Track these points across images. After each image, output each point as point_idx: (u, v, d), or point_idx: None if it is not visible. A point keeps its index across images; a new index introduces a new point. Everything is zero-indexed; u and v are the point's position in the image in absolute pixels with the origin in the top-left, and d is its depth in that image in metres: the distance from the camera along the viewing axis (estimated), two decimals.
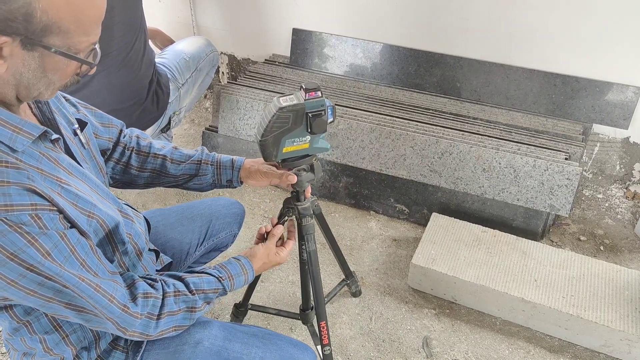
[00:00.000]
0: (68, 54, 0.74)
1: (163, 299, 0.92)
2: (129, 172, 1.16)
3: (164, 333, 0.94)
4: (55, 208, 0.76)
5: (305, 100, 1.03)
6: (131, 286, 0.89)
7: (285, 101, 1.03)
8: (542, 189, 1.82)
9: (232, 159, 1.20)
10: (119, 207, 0.95)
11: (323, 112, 1.05)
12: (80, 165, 0.90)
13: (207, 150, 1.23)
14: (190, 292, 0.96)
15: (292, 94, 1.05)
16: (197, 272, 1.01)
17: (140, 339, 0.94)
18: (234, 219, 1.41)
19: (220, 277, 1.02)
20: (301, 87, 1.04)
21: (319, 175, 1.17)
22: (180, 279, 0.98)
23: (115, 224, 0.88)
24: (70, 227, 0.79)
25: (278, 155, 1.08)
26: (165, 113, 1.87)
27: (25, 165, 0.75)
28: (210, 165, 1.19)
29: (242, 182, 1.21)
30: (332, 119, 1.08)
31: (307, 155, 1.13)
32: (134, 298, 0.88)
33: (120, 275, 0.89)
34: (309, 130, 1.06)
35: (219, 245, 1.41)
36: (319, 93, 1.04)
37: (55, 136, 0.83)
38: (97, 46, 0.79)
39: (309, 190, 1.24)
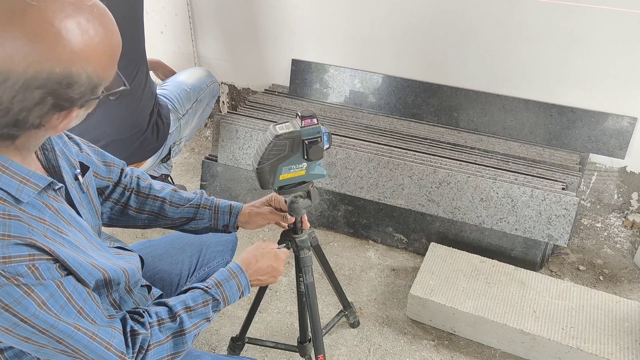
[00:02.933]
0: (108, 93, 0.79)
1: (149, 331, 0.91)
2: (126, 213, 1.17)
3: None
4: (52, 257, 0.76)
5: (301, 127, 1.04)
6: (124, 326, 0.88)
7: (281, 129, 1.04)
8: (540, 219, 1.82)
9: (231, 204, 1.21)
10: (111, 256, 0.94)
11: (319, 139, 1.06)
12: (78, 212, 0.91)
13: (207, 191, 1.24)
14: (172, 316, 0.94)
15: (287, 122, 1.06)
16: (184, 291, 1.01)
17: None
18: (226, 246, 1.40)
19: (207, 287, 1.00)
20: (297, 114, 1.06)
21: (315, 201, 1.18)
22: (163, 304, 0.96)
23: (114, 271, 0.88)
24: (67, 275, 0.79)
25: (275, 183, 1.09)
26: (166, 143, 1.89)
27: (27, 217, 0.75)
28: (208, 209, 1.19)
29: (237, 228, 1.22)
30: (328, 146, 1.09)
31: (304, 182, 1.13)
32: (127, 342, 0.87)
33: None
34: (306, 157, 1.07)
35: (210, 275, 1.40)
36: (314, 120, 1.06)
37: (59, 186, 0.84)
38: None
39: (306, 222, 1.25)
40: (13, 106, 0.68)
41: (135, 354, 0.88)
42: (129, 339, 0.87)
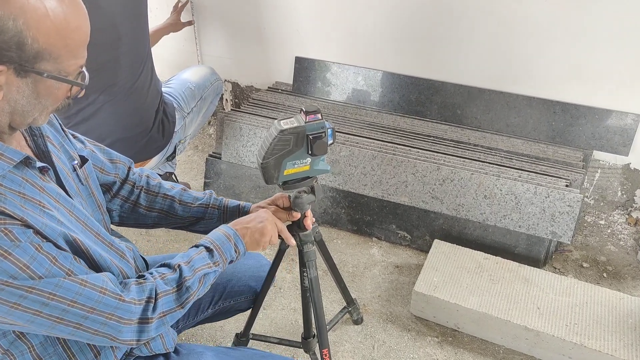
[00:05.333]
0: (60, 77, 0.78)
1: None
2: (137, 211, 1.17)
3: (165, 314, 0.93)
4: (24, 224, 0.75)
5: (305, 122, 1.05)
6: (122, 283, 0.90)
7: (286, 124, 1.05)
8: (544, 216, 1.82)
9: (239, 204, 1.21)
10: (109, 242, 0.94)
11: (323, 134, 1.07)
12: (72, 199, 0.91)
13: (213, 189, 1.24)
14: (172, 269, 0.96)
15: (292, 117, 1.07)
16: None
17: (142, 329, 0.90)
18: (259, 283, 1.36)
19: (196, 244, 1.03)
20: (301, 109, 1.06)
21: (319, 196, 1.18)
22: (162, 265, 0.99)
23: (98, 255, 0.88)
24: (47, 241, 0.78)
25: (279, 178, 1.09)
26: (171, 142, 1.90)
27: (2, 189, 0.76)
28: (217, 209, 1.20)
29: None
30: (332, 141, 1.09)
31: (308, 177, 1.14)
32: (126, 286, 0.88)
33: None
34: (310, 152, 1.07)
35: (236, 307, 1.36)
36: (318, 115, 1.06)
37: (40, 164, 0.84)
38: (84, 68, 0.83)
39: (309, 220, 1.24)
40: None
41: (145, 302, 0.89)
42: (133, 287, 0.89)
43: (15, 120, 0.80)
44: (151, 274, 0.95)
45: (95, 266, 0.88)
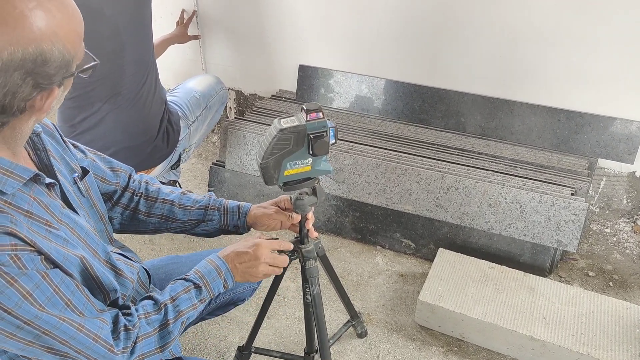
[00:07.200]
0: (81, 69, 0.81)
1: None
2: (137, 217, 1.17)
3: (144, 356, 0.93)
4: (34, 249, 0.76)
5: (306, 121, 1.02)
6: (115, 322, 0.89)
7: (286, 122, 1.02)
8: (549, 225, 1.81)
9: (239, 204, 1.21)
10: (106, 259, 0.94)
11: (325, 134, 1.03)
12: (77, 212, 0.91)
13: (215, 195, 1.23)
14: (158, 308, 0.95)
15: (293, 116, 1.04)
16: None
17: None
18: None
19: (185, 276, 1.01)
20: (302, 108, 1.03)
21: (321, 198, 1.15)
22: (149, 297, 0.98)
23: (101, 272, 0.88)
24: (54, 268, 0.79)
25: (279, 179, 1.06)
26: (176, 150, 1.90)
27: (11, 209, 0.76)
28: (217, 210, 1.19)
29: (249, 229, 1.21)
30: (334, 141, 1.06)
31: (310, 178, 1.11)
32: (117, 335, 0.88)
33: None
34: (311, 152, 1.04)
35: (234, 299, 1.37)
36: (320, 114, 1.03)
37: (49, 180, 0.84)
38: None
39: (310, 222, 1.21)
40: None
41: (128, 349, 0.89)
42: (122, 334, 0.88)
43: (41, 119, 0.83)
44: (137, 310, 0.94)
45: (100, 284, 0.88)
